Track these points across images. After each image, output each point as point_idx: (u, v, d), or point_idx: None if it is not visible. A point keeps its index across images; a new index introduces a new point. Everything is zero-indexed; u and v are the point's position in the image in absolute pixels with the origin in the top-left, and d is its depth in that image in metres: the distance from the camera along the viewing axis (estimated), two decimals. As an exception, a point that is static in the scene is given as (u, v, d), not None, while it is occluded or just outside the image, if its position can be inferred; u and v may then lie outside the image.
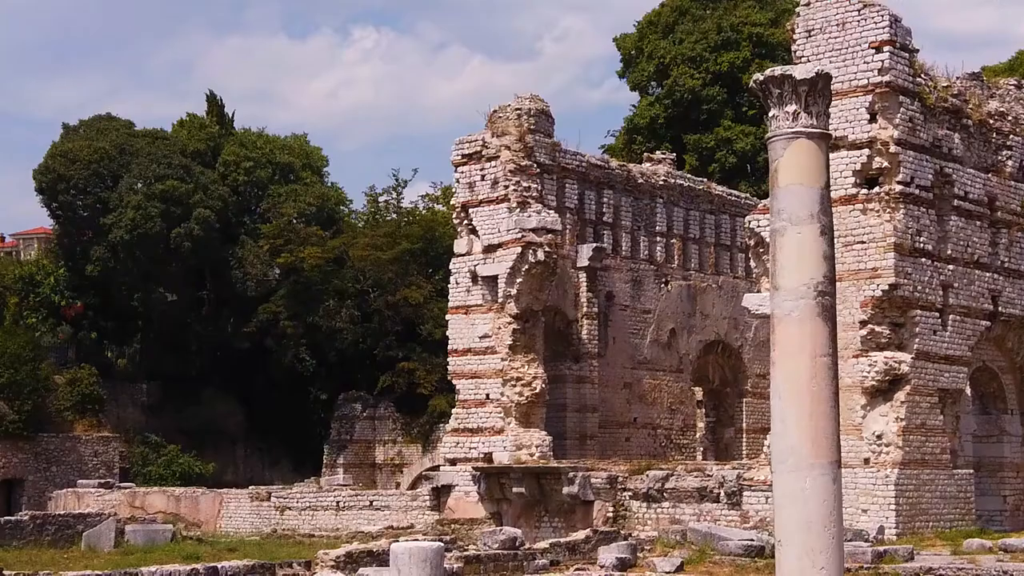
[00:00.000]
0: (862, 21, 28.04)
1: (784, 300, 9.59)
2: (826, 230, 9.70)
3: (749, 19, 55.06)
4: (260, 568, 18.25)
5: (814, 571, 9.22)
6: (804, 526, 9.32)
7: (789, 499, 9.50)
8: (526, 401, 33.47)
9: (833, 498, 9.47)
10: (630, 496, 30.53)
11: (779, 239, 9.68)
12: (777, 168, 9.73)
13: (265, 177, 59.47)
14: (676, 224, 39.85)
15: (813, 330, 9.47)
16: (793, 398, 9.43)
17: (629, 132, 57.61)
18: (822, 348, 9.50)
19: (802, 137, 9.59)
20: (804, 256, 9.52)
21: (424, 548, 11.22)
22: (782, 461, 9.59)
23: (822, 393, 9.47)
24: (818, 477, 9.43)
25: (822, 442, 9.43)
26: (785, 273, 9.59)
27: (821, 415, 9.44)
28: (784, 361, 9.57)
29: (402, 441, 53.00)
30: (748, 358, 41.54)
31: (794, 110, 9.62)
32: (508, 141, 34.37)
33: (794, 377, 9.45)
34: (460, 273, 35.16)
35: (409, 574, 10.87)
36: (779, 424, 9.59)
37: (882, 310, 27.50)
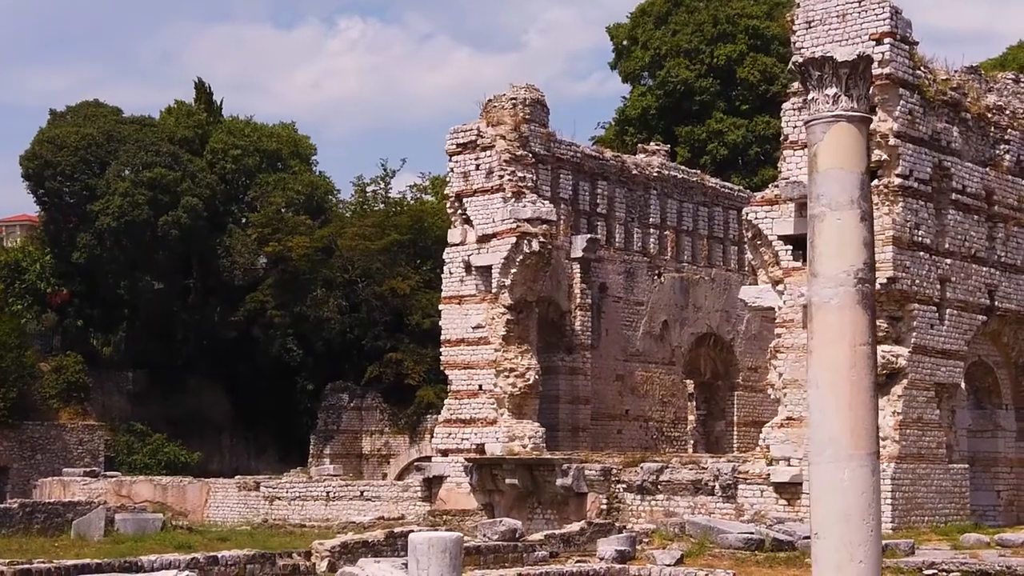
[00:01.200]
0: (863, 13, 27.86)
1: (823, 287, 9.41)
2: (866, 216, 9.53)
3: (744, 11, 54.90)
4: (260, 558, 18.04)
5: (852, 564, 9.05)
6: (842, 518, 9.15)
7: (827, 491, 9.33)
8: (519, 392, 33.28)
9: (872, 490, 9.30)
10: (624, 488, 30.36)
11: (818, 225, 9.49)
12: (816, 152, 9.54)
13: (253, 165, 59.17)
14: (669, 216, 39.70)
15: (853, 318, 9.30)
16: (832, 387, 9.25)
17: (620, 123, 57.41)
18: (862, 336, 9.33)
19: (842, 120, 9.41)
20: (844, 242, 9.35)
21: (443, 538, 11.03)
22: (820, 452, 9.41)
23: (862, 382, 9.30)
24: (857, 468, 9.25)
25: (861, 433, 9.26)
26: (824, 260, 9.41)
27: (860, 405, 9.26)
28: (822, 349, 9.39)
29: (389, 432, 52.84)
30: (740, 351, 41.43)
31: (834, 93, 9.44)
32: (503, 131, 34.15)
33: (833, 366, 9.27)
34: (454, 263, 34.93)
35: (428, 565, 10.67)
36: (817, 414, 9.40)
37: (880, 303, 27.34)
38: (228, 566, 17.30)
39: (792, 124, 28.66)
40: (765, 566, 20.69)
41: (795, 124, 28.58)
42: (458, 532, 26.64)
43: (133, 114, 59.57)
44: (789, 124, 28.72)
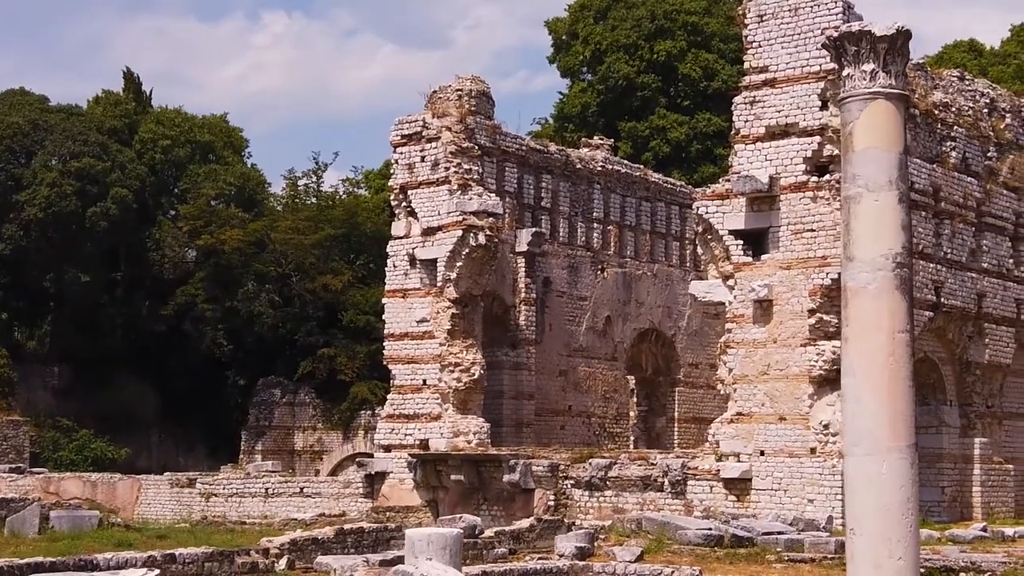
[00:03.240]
0: (815, 7, 27.82)
1: (860, 272, 9.05)
2: (904, 197, 9.19)
3: (683, 7, 54.78)
4: (219, 556, 17.45)
5: (891, 561, 8.69)
6: (880, 513, 8.79)
7: (864, 484, 8.97)
8: (464, 387, 32.83)
9: (911, 483, 8.96)
10: (572, 484, 30.05)
11: (854, 207, 9.14)
12: (852, 131, 9.19)
13: (184, 156, 58.12)
14: (613, 211, 39.44)
15: (891, 305, 8.96)
16: (869, 377, 8.91)
17: (559, 119, 57.08)
18: (900, 324, 9.00)
19: (880, 98, 9.07)
20: (882, 225, 9.00)
21: (444, 535, 10.58)
22: (856, 443, 9.06)
23: (900, 372, 8.98)
24: (896, 461, 8.91)
25: (900, 424, 8.93)
26: (861, 243, 9.05)
27: (899, 395, 8.94)
28: (859, 337, 9.04)
29: (322, 428, 52.23)
30: (681, 347, 41.29)
31: (872, 69, 9.10)
32: (449, 122, 33.65)
33: (870, 355, 8.92)
34: (398, 256, 34.36)
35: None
36: (853, 404, 9.06)
37: (830, 299, 27.27)
38: (186, 564, 16.72)
39: (743, 118, 28.52)
40: (726, 562, 20.46)
41: (746, 118, 28.46)
42: (396, 529, 26.22)
43: (60, 103, 58.26)
44: (740, 118, 28.57)
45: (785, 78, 27.99)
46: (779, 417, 27.60)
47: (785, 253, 27.75)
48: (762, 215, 28.10)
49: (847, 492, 9.34)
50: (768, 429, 27.63)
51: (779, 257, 27.82)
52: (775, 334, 27.84)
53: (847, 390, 9.31)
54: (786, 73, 28.01)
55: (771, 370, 27.81)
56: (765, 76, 28.18)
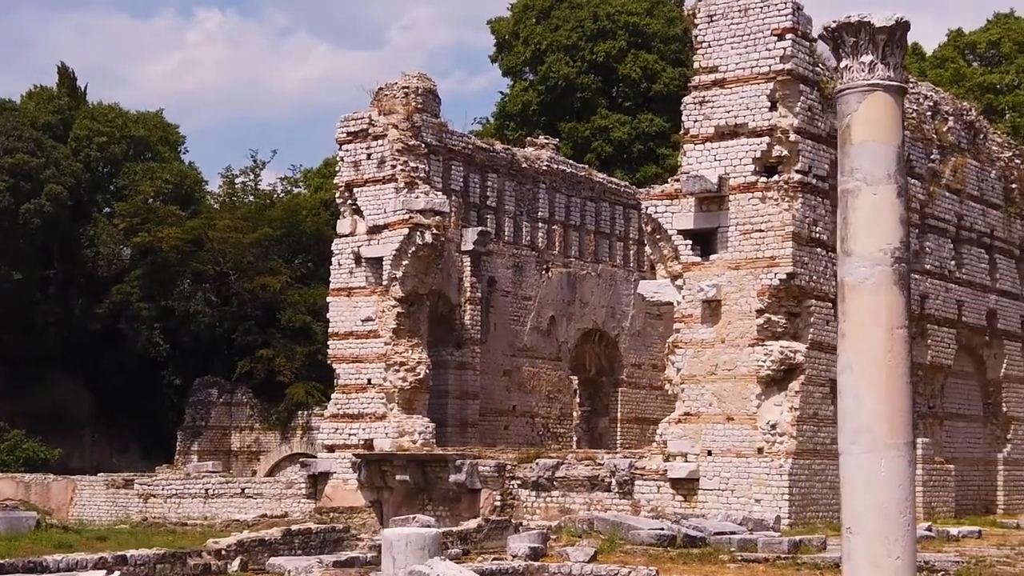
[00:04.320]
0: (764, 8, 27.89)
1: (858, 267, 8.94)
2: (902, 192, 9.11)
3: (625, 8, 54.84)
4: (171, 557, 17.09)
5: (889, 560, 8.59)
6: (879, 512, 8.69)
7: (862, 483, 8.85)
8: (409, 387, 32.58)
9: (909, 481, 8.87)
10: (518, 484, 29.90)
11: (852, 200, 9.02)
12: (850, 123, 9.08)
13: (120, 153, 57.23)
14: (558, 210, 39.37)
15: (889, 300, 8.86)
16: (867, 373, 8.79)
17: (501, 118, 56.95)
18: (899, 319, 8.90)
19: (879, 90, 8.96)
20: (880, 219, 8.90)
21: (421, 535, 10.37)
22: (853, 441, 8.95)
23: (899, 368, 8.87)
24: (894, 459, 8.81)
25: (898, 421, 8.82)
26: (859, 237, 8.94)
27: (897, 392, 8.83)
28: (856, 333, 8.93)
29: (259, 428, 51.67)
30: (624, 347, 41.31)
31: (870, 61, 9.00)
32: (395, 120, 33.40)
33: (868, 350, 8.80)
34: (343, 254, 34.05)
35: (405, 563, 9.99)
36: (850, 401, 8.94)
37: (779, 299, 27.40)
38: (137, 566, 16.36)
39: (693, 118, 28.52)
40: (680, 562, 20.36)
41: (696, 118, 28.46)
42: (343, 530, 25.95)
43: (-11, 98, 57.18)
44: (690, 118, 28.56)
45: (735, 78, 28.03)
46: (727, 417, 27.64)
47: (734, 253, 27.79)
48: (711, 215, 28.12)
49: (844, 491, 9.25)
50: (716, 429, 27.66)
51: (728, 257, 27.85)
52: (723, 334, 27.86)
53: (844, 387, 9.21)
54: (736, 73, 28.05)
55: (719, 370, 27.83)
56: (715, 76, 28.20)
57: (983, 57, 56.25)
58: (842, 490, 9.32)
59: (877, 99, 9.03)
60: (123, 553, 16.57)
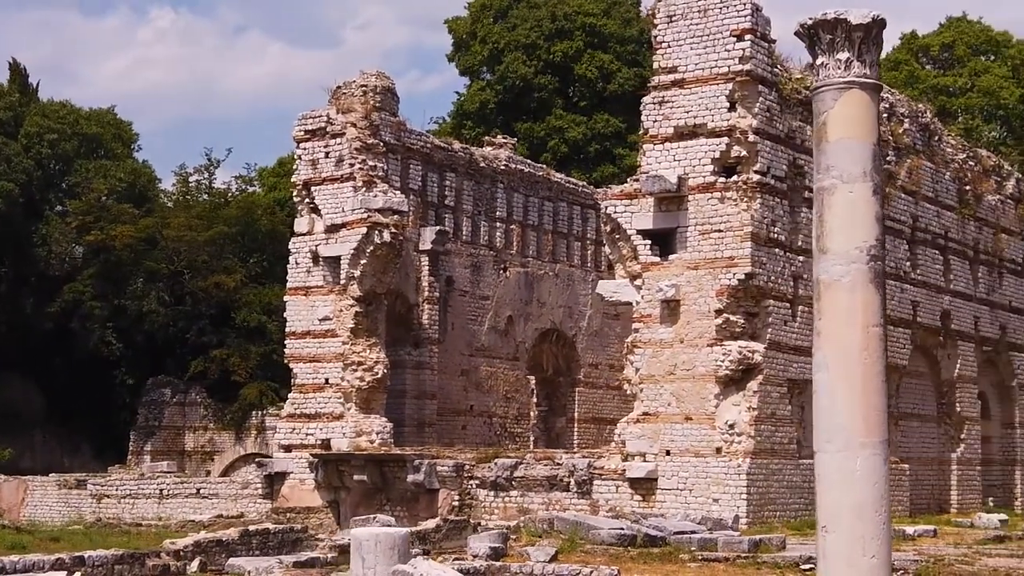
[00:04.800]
0: (724, 8, 27.96)
1: (833, 264, 8.92)
2: (878, 189, 9.11)
3: (582, 8, 54.89)
4: (129, 558, 16.90)
5: (864, 560, 8.55)
6: (854, 511, 8.65)
7: (837, 481, 8.80)
8: (367, 386, 32.43)
9: (884, 480, 8.85)
10: (477, 484, 29.82)
11: (828, 198, 9.01)
12: (826, 121, 9.07)
13: (71, 150, 56.65)
14: (516, 210, 39.35)
15: (865, 298, 8.84)
16: (842, 372, 8.76)
17: (458, 117, 56.83)
18: (875, 317, 8.89)
19: (855, 87, 8.95)
20: (856, 216, 8.89)
21: (391, 534, 10.25)
22: (829, 440, 8.90)
23: (875, 366, 8.85)
24: (870, 457, 8.77)
25: (874, 419, 8.79)
26: (835, 235, 8.92)
27: (873, 391, 8.81)
28: (832, 331, 8.90)
29: (214, 428, 51.29)
30: (582, 347, 41.33)
31: (847, 58, 8.99)
32: (354, 118, 33.23)
33: (844, 349, 8.77)
34: (300, 253, 33.84)
35: (374, 563, 9.89)
36: (825, 400, 8.91)
37: (737, 299, 27.48)
38: (95, 567, 16.15)
39: (652, 118, 28.54)
40: (640, 562, 20.37)
41: (655, 118, 28.49)
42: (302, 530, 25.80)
43: (-62, 93, 56.48)
44: (649, 118, 28.58)
45: (694, 79, 28.07)
46: (685, 417, 27.68)
47: (693, 253, 27.84)
48: (670, 215, 28.16)
49: (819, 489, 9.23)
50: (674, 429, 27.70)
51: (687, 257, 27.90)
52: (682, 334, 27.91)
53: (819, 385, 9.19)
54: (695, 74, 28.10)
55: (677, 370, 27.87)
56: (674, 76, 28.24)
57: (936, 60, 56.74)
58: (817, 488, 9.30)
59: (853, 96, 9.03)
60: (81, 554, 16.36)
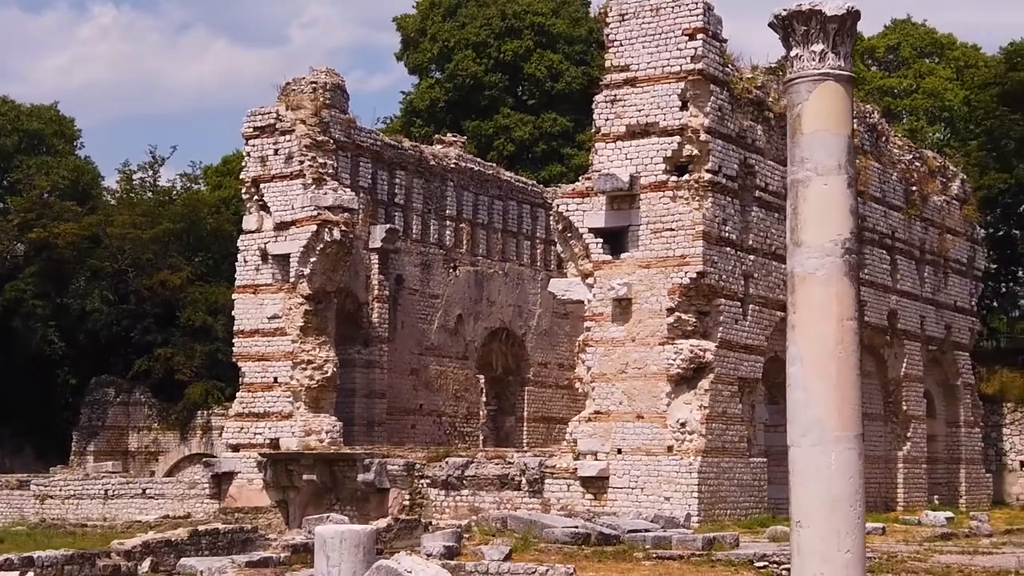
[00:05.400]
0: (676, 8, 28.01)
1: (808, 257, 8.87)
2: (852, 182, 9.07)
3: (531, 8, 54.86)
4: (79, 558, 16.62)
5: (839, 555, 8.50)
6: (829, 505, 8.61)
7: (812, 476, 8.76)
8: (317, 385, 32.19)
9: (859, 474, 8.81)
10: (428, 484, 29.69)
11: (802, 190, 8.96)
12: (800, 113, 9.02)
13: (12, 146, 55.89)
14: (466, 208, 39.23)
15: (840, 291, 8.80)
16: (817, 365, 8.72)
17: (407, 115, 56.59)
18: (849, 311, 8.85)
19: (830, 79, 8.91)
20: (831, 209, 8.84)
21: (357, 532, 10.10)
22: (803, 434, 8.85)
23: (849, 360, 8.81)
24: (844, 451, 8.74)
25: (848, 413, 8.75)
26: (809, 228, 8.87)
27: (848, 384, 8.77)
28: (807, 324, 8.85)
29: (158, 428, 50.73)
30: (531, 346, 41.29)
31: (821, 50, 8.94)
32: (303, 115, 32.98)
33: (818, 342, 8.73)
34: (249, 250, 33.54)
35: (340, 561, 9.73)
36: (800, 393, 8.86)
37: (689, 298, 27.53)
38: (45, 568, 15.87)
39: (604, 117, 28.54)
40: (595, 560, 20.33)
41: (607, 117, 28.49)
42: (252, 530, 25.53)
43: None
44: (601, 117, 28.59)
45: (646, 77, 28.09)
46: (637, 415, 27.70)
47: (644, 252, 27.86)
48: (622, 213, 28.17)
49: (793, 484, 9.19)
50: (626, 428, 27.71)
51: (638, 256, 27.92)
52: (633, 333, 27.92)
53: (793, 379, 9.15)
54: (647, 73, 28.12)
55: (629, 369, 27.88)
56: (626, 75, 28.25)
57: (881, 61, 57.20)
58: (791, 483, 9.26)
59: (828, 89, 9.00)
60: (29, 555, 16.08)
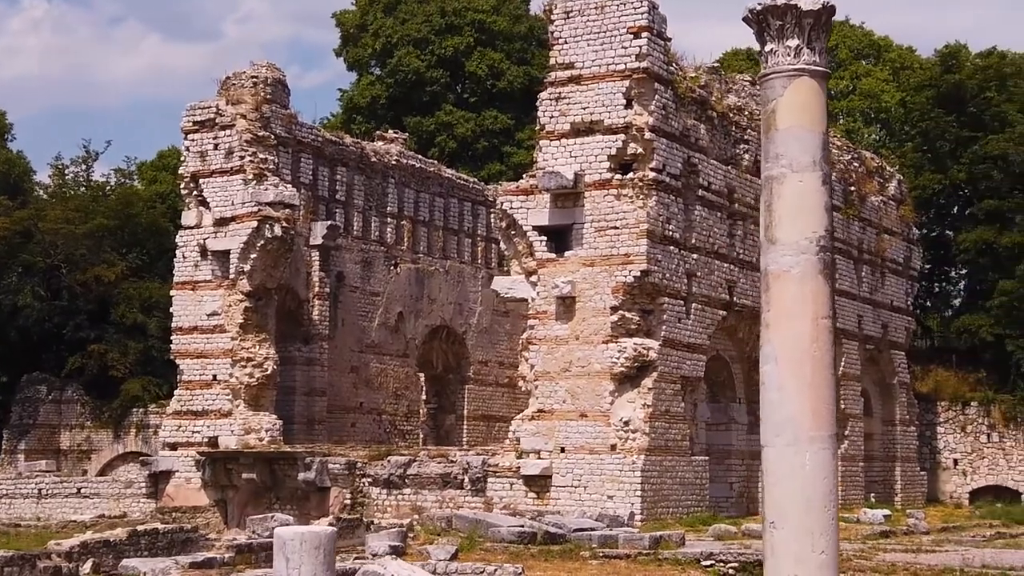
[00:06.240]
0: (621, 6, 27.98)
1: (783, 255, 8.78)
2: (827, 179, 8.99)
3: (472, 5, 54.66)
4: (19, 560, 16.26)
5: (813, 555, 8.40)
6: (803, 505, 8.51)
7: (786, 476, 8.64)
8: (256, 383, 31.85)
9: (833, 474, 8.73)
10: (369, 482, 29.45)
11: (777, 187, 8.87)
12: (775, 108, 8.93)
13: (-60, 138, 54.87)
14: (407, 206, 39.00)
15: (815, 289, 8.71)
16: (792, 364, 8.61)
17: (347, 111, 56.18)
18: (824, 309, 8.77)
19: (805, 75, 8.82)
20: (806, 206, 8.75)
21: (317, 534, 9.89)
22: (778, 434, 8.74)
23: (824, 359, 8.73)
24: (819, 451, 8.65)
25: (823, 413, 8.67)
26: (784, 225, 8.78)
27: (822, 383, 8.69)
28: (782, 323, 8.75)
29: (91, 426, 49.98)
30: (471, 344, 41.13)
31: (796, 45, 8.85)
32: (244, 110, 32.60)
33: (793, 341, 8.63)
34: (188, 246, 33.10)
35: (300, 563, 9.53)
36: (774, 393, 8.75)
37: (632, 296, 27.53)
38: (-16, 569, 15.51)
39: (549, 115, 28.46)
40: (541, 559, 20.27)
41: (552, 115, 28.41)
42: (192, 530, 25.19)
43: None
44: (546, 114, 28.50)
45: (591, 75, 28.04)
46: (580, 414, 27.65)
47: (588, 250, 27.82)
48: (566, 211, 28.11)
49: (767, 484, 9.10)
50: (569, 426, 27.65)
51: (582, 254, 27.87)
52: (577, 331, 27.87)
53: (767, 378, 9.06)
54: (592, 70, 28.07)
55: (573, 367, 27.83)
56: (571, 73, 28.18)
57: (818, 63, 57.50)
58: (765, 483, 9.19)
59: (803, 84, 8.93)
60: (-31, 556, 15.73)
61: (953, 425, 42.46)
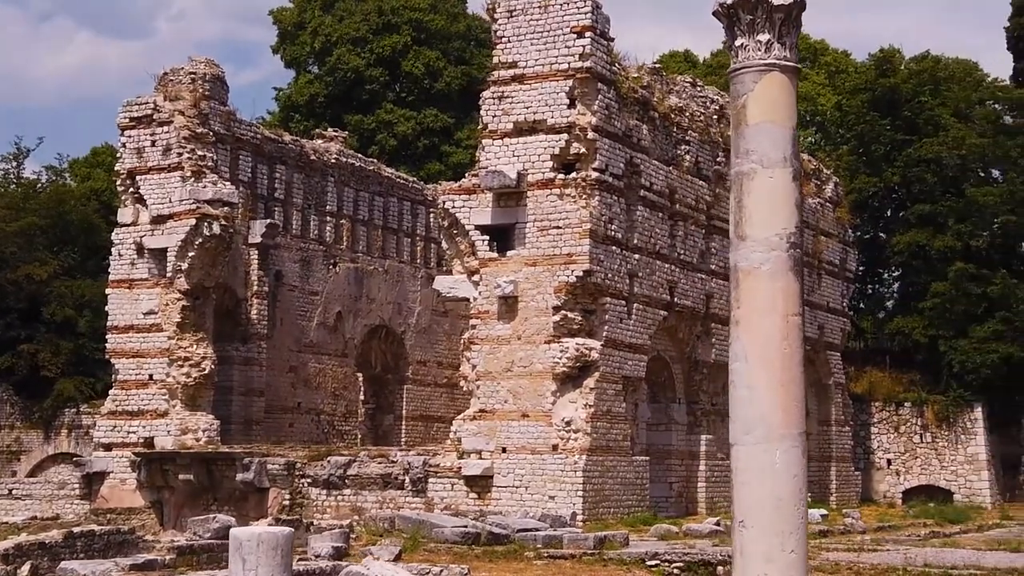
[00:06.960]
0: (564, 5, 27.96)
1: (753, 251, 8.73)
2: (798, 175, 8.95)
3: (409, 3, 54.40)
4: (-43, 562, 15.89)
5: (783, 555, 8.34)
6: (773, 504, 8.44)
7: (756, 474, 8.57)
8: (193, 383, 31.47)
9: (803, 473, 8.68)
10: (309, 483, 29.19)
11: (747, 183, 8.81)
12: (745, 103, 8.87)
13: None
14: (346, 205, 38.74)
15: (786, 286, 8.66)
16: (762, 361, 8.55)
17: (285, 109, 55.71)
18: (794, 306, 8.72)
19: (775, 70, 8.77)
20: (776, 202, 8.70)
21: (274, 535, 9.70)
22: (747, 432, 8.68)
23: (794, 356, 8.68)
24: (789, 449, 8.58)
25: (793, 410, 8.61)
26: (754, 221, 8.73)
27: (792, 381, 8.63)
28: (751, 320, 8.69)
29: (21, 427, 49.22)
30: (410, 344, 40.93)
31: (767, 40, 8.81)
32: (182, 106, 32.21)
33: (763, 338, 8.56)
34: (124, 244, 32.64)
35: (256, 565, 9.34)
36: (744, 391, 8.69)
37: (575, 296, 27.49)
38: (-81, 572, 15.10)
39: (491, 113, 28.37)
40: (486, 560, 20.15)
41: (494, 114, 28.32)
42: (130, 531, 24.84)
43: None
44: (488, 113, 28.41)
45: (534, 75, 27.98)
46: (522, 414, 27.58)
47: (531, 250, 27.76)
48: (509, 211, 28.04)
49: (736, 483, 9.05)
50: (511, 426, 27.56)
51: (525, 254, 27.81)
52: (520, 331, 27.80)
53: (737, 376, 9.01)
54: (535, 70, 28.01)
55: (515, 367, 27.75)
56: (514, 72, 28.11)
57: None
58: (734, 481, 9.13)
59: (774, 79, 8.89)
60: (-96, 559, 15.32)
61: (887, 425, 42.85)
